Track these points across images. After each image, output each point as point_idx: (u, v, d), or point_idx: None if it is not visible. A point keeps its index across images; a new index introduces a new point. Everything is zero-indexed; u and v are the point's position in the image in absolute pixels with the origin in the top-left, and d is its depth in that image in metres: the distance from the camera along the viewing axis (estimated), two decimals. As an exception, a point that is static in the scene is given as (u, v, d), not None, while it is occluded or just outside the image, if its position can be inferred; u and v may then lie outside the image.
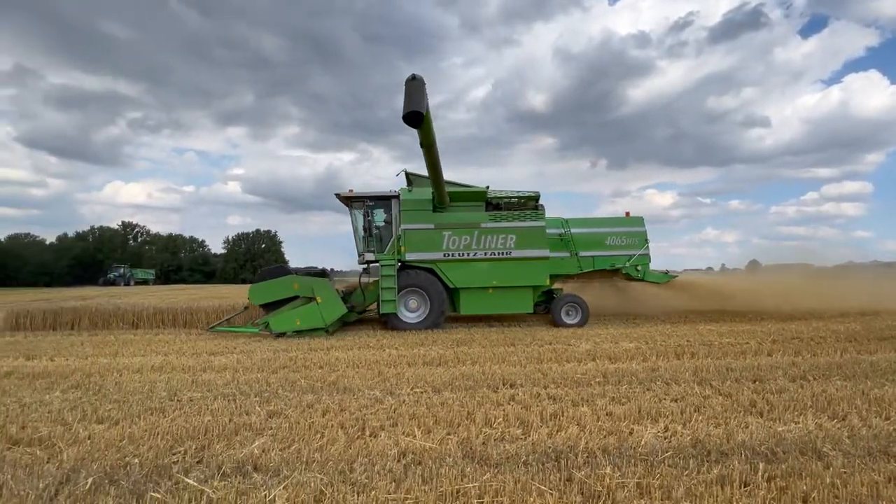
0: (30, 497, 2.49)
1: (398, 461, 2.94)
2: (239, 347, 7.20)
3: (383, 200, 9.74)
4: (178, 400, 4.35)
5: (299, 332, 8.43)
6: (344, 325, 9.96)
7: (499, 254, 9.41)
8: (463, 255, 9.39)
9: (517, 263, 9.44)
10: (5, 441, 3.33)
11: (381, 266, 9.27)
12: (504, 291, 9.53)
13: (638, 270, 10.04)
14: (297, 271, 9.17)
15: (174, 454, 3.09)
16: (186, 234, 71.91)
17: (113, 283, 43.15)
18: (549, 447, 3.11)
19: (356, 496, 2.48)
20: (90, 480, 2.66)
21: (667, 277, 10.65)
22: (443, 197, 9.14)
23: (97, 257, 58.65)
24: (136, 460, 2.97)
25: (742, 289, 12.61)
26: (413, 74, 6.39)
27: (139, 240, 69.30)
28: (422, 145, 7.63)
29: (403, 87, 6.37)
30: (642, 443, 3.17)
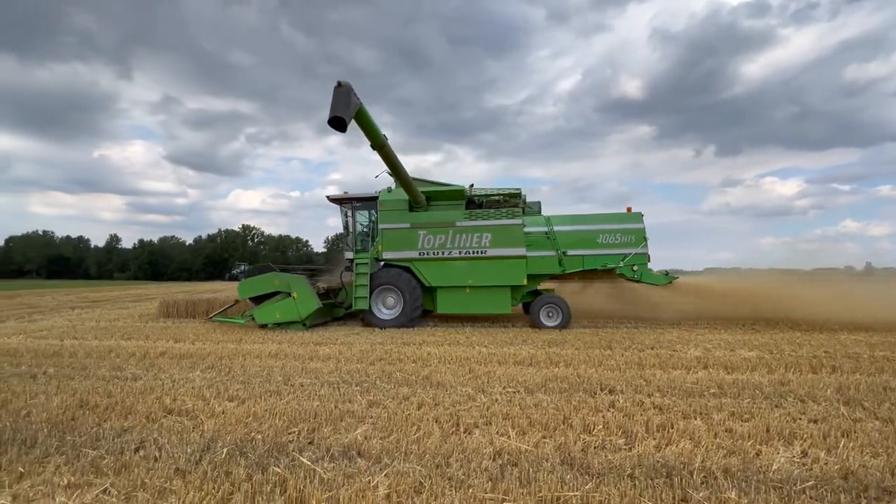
0: (180, 459, 2.93)
1: (493, 460, 2.91)
2: (340, 339, 7.76)
3: (369, 201, 10.04)
4: (291, 385, 4.80)
5: (279, 325, 9.03)
6: (334, 320, 10.44)
7: (474, 253, 9.22)
8: (438, 253, 9.36)
9: (493, 262, 9.19)
10: (162, 410, 3.95)
11: (356, 264, 9.60)
12: (481, 291, 9.31)
13: (634, 271, 9.04)
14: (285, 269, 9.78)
15: (290, 434, 3.40)
16: (293, 235, 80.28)
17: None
18: (658, 461, 2.85)
19: (454, 491, 2.50)
20: (225, 451, 3.04)
21: (666, 279, 9.42)
22: (414, 196, 9.17)
23: (223, 256, 67.92)
24: (259, 436, 3.33)
25: (770, 293, 10.47)
26: (339, 81, 6.66)
27: (255, 240, 78.73)
28: (372, 147, 7.84)
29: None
30: (774, 468, 2.76)
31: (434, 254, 9.40)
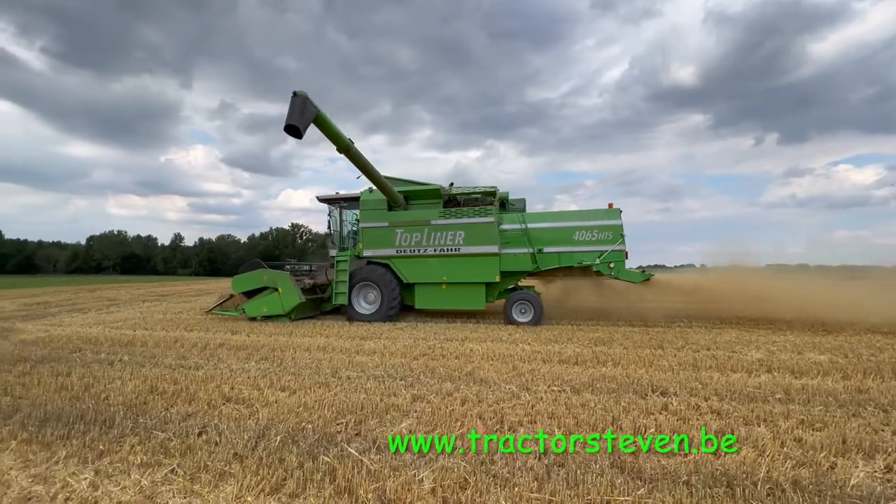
0: (238, 444, 3.10)
1: (539, 460, 2.86)
2: (384, 334, 7.92)
3: (355, 201, 10.52)
4: (338, 377, 4.96)
5: (267, 317, 9.70)
6: (323, 313, 10.96)
7: (448, 250, 9.47)
8: (414, 251, 9.69)
9: (466, 260, 9.39)
10: (221, 397, 4.21)
11: (336, 262, 10.14)
12: (456, 287, 9.56)
13: (611, 268, 8.91)
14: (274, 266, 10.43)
15: (338, 424, 3.52)
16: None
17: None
18: (717, 469, 2.68)
19: (499, 489, 2.48)
20: (278, 438, 3.19)
21: (643, 276, 9.09)
22: (390, 195, 9.56)
23: (275, 253, 71.47)
24: (310, 426, 3.46)
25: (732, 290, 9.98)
26: (294, 91, 7.09)
27: (304, 238, 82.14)
28: (339, 151, 8.31)
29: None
30: (852, 482, 2.52)
31: (411, 251, 9.73)
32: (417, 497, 2.42)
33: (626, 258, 8.92)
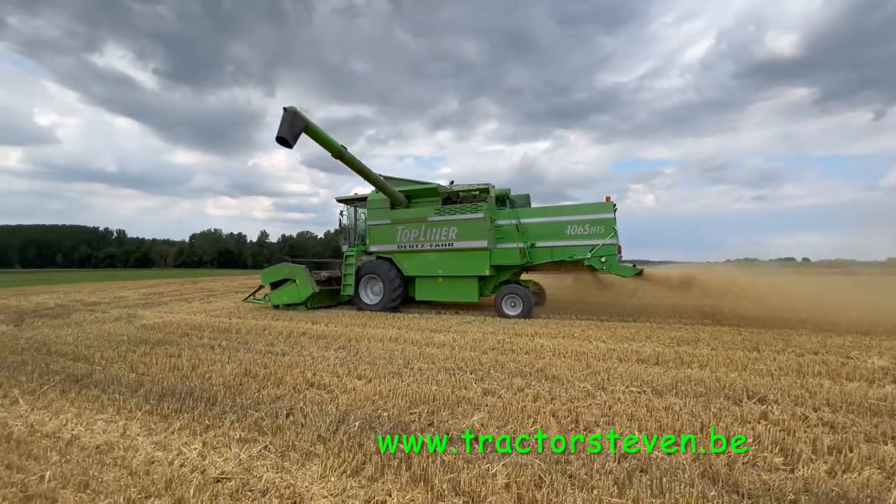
0: (321, 427, 3.31)
1: (618, 463, 2.72)
2: (453, 328, 8.00)
3: (365, 201, 11.30)
4: (410, 368, 5.10)
5: (288, 306, 10.87)
6: (339, 304, 11.85)
7: (443, 245, 9.99)
8: (413, 246, 10.32)
9: (459, 254, 9.84)
10: (305, 383, 4.52)
11: (345, 257, 11.14)
12: (451, 280, 10.08)
13: (602, 262, 8.86)
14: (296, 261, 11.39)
15: (411, 414, 3.61)
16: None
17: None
18: (833, 490, 2.36)
19: (576, 490, 2.39)
20: (357, 424, 3.35)
21: (634, 270, 8.86)
22: (389, 195, 10.18)
23: (348, 248, 76.01)
24: (385, 414, 3.60)
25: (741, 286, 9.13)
26: (285, 107, 8.03)
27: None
28: (333, 157, 9.06)
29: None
30: None
31: (410, 246, 10.37)
32: (491, 491, 2.41)
33: (619, 252, 8.87)
